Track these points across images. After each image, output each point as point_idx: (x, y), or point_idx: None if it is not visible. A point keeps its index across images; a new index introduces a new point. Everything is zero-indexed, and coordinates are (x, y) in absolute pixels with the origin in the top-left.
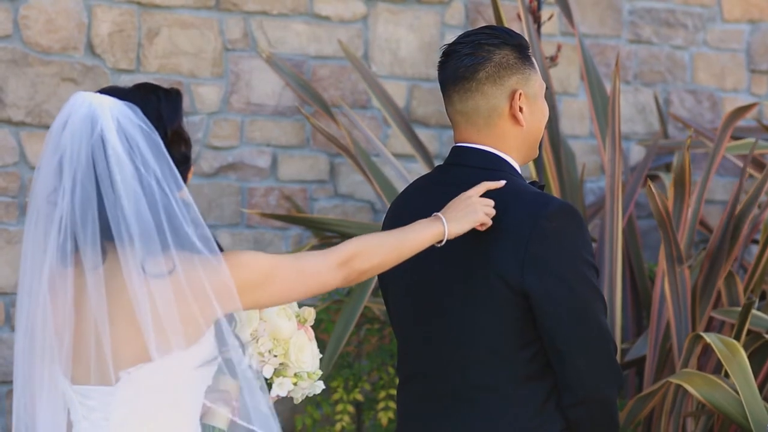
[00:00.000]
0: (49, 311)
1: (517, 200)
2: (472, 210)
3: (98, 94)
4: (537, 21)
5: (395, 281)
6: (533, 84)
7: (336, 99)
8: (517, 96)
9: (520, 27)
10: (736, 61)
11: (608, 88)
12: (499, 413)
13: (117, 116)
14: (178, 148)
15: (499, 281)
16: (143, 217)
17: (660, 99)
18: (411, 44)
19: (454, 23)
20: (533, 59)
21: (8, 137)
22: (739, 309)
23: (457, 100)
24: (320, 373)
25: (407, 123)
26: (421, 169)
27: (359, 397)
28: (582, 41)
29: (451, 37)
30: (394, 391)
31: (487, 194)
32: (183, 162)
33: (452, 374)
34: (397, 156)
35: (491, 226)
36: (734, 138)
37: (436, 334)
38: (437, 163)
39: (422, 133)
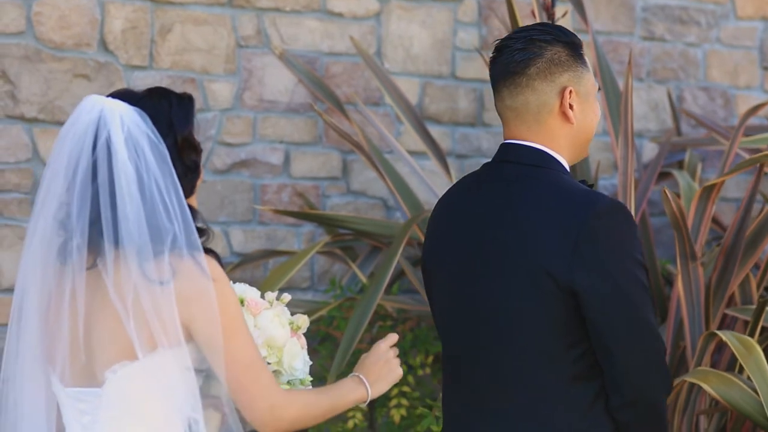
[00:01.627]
0: (43, 310)
1: (567, 197)
2: (390, 369)
3: (110, 98)
4: (551, 18)
5: (440, 276)
6: (585, 82)
7: (349, 96)
8: (567, 93)
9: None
10: (750, 59)
11: (621, 85)
12: (547, 414)
13: (126, 122)
14: (189, 155)
15: (546, 278)
16: (139, 223)
17: (673, 96)
18: (424, 41)
19: (467, 20)
20: (585, 58)
21: (21, 134)
22: (753, 307)
23: (507, 95)
24: (310, 379)
25: (420, 120)
26: (433, 166)
27: None
28: (595, 38)
29: (463, 34)
30: (406, 389)
31: (537, 190)
32: (193, 169)
33: (499, 372)
34: (410, 153)
35: (540, 222)
36: (747, 136)
37: (481, 329)
38: (449, 160)
39: (434, 131)
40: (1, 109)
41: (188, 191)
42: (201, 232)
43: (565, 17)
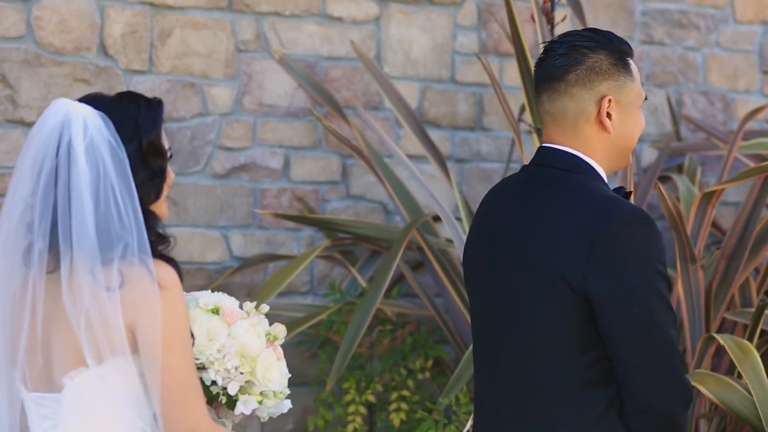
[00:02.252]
0: (7, 314)
1: (588, 201)
2: None
3: (77, 102)
4: (550, 22)
5: (472, 276)
6: (628, 92)
7: (348, 100)
8: (605, 102)
9: (533, 28)
10: (749, 63)
11: None
12: (559, 418)
13: (89, 127)
14: (155, 160)
15: (561, 282)
16: (91, 229)
17: (672, 100)
18: (423, 45)
19: (466, 24)
20: (632, 67)
21: (21, 138)
22: (752, 310)
23: (546, 99)
24: (288, 392)
25: (419, 124)
26: (433, 170)
27: (371, 398)
28: None
29: (463, 39)
30: (406, 393)
31: (563, 194)
32: (159, 173)
33: (515, 374)
34: (410, 157)
35: (560, 226)
36: (746, 140)
37: (502, 331)
38: (449, 164)
39: (434, 135)
40: (0, 113)
41: (154, 196)
42: (162, 239)
43: (565, 21)
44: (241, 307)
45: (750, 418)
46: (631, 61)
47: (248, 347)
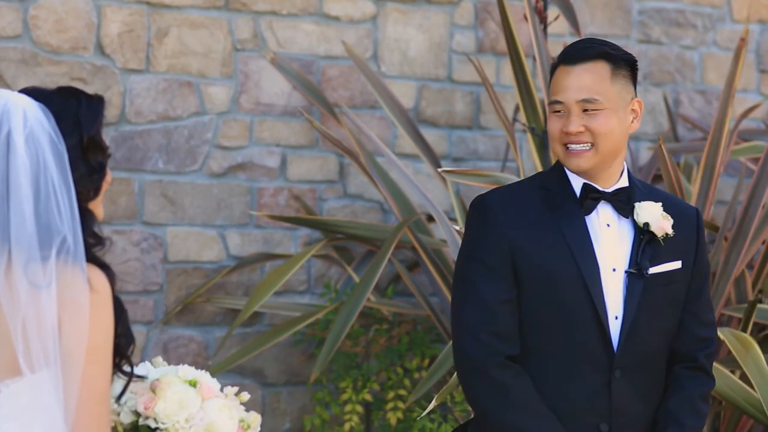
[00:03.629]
0: None
1: None
2: None
3: (18, 93)
4: (543, 21)
5: None
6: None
7: (345, 99)
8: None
9: (526, 27)
10: (746, 62)
11: None
12: None
13: (29, 119)
14: (94, 156)
15: None
16: (29, 224)
17: (669, 99)
18: (420, 44)
19: (463, 23)
20: (555, 75)
21: None
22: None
23: None
24: None
25: (413, 124)
26: (428, 169)
27: (368, 397)
28: None
29: (460, 37)
30: (402, 392)
31: None
32: (98, 170)
33: None
34: (406, 156)
35: None
36: (743, 140)
37: None
38: (444, 163)
39: (431, 134)
40: None
41: (93, 193)
42: (98, 240)
43: (558, 20)
44: (221, 390)
45: (746, 408)
46: (558, 69)
47: (216, 424)
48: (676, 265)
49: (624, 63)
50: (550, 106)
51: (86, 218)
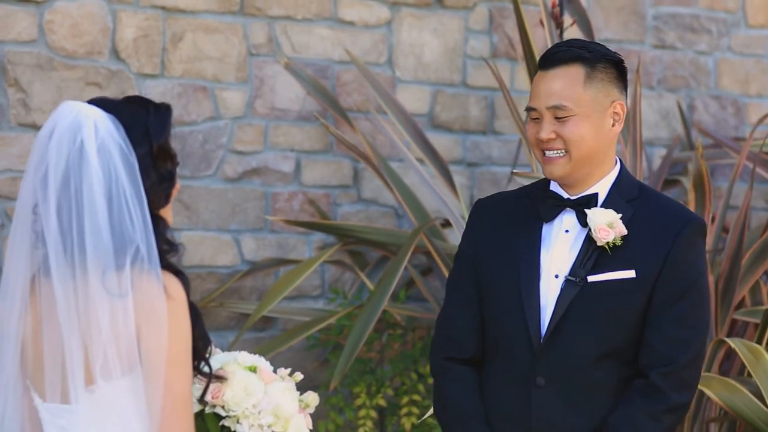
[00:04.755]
0: (22, 323)
1: None
2: None
3: (87, 104)
4: (559, 26)
5: None
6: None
7: (360, 104)
8: None
9: (542, 33)
10: (761, 67)
11: (631, 93)
12: None
13: (100, 130)
14: (164, 164)
15: None
16: (104, 234)
17: (684, 104)
18: (435, 49)
19: (478, 28)
20: (534, 81)
21: (33, 142)
22: (763, 308)
23: None
24: None
25: (418, 129)
26: (435, 174)
27: (382, 402)
28: None
29: (474, 42)
30: (417, 397)
31: None
32: (168, 178)
33: None
34: (418, 162)
35: None
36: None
37: None
38: (452, 168)
39: (446, 138)
40: (13, 117)
41: (163, 200)
42: (172, 247)
43: (574, 26)
44: (275, 371)
45: (755, 421)
46: (537, 74)
47: (282, 407)
48: (626, 274)
49: (604, 65)
50: (527, 113)
51: (159, 225)
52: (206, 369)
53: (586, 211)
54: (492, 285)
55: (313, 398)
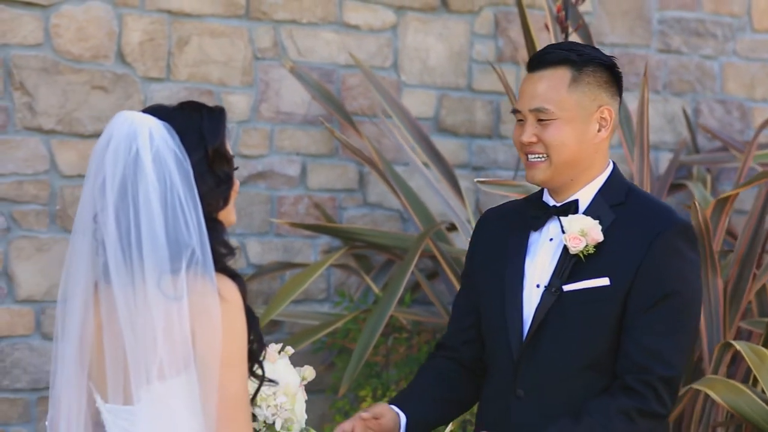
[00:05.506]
0: (83, 326)
1: None
2: None
3: (141, 113)
4: (564, 30)
5: None
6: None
7: (365, 108)
8: None
9: (548, 37)
10: (766, 71)
11: (637, 97)
12: None
13: (155, 138)
14: (220, 166)
15: None
16: (161, 241)
17: (689, 109)
18: (440, 53)
19: (483, 32)
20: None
21: (39, 145)
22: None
23: None
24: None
25: (423, 133)
26: (439, 178)
27: None
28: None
29: (480, 47)
30: None
31: None
32: (226, 180)
33: None
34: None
35: None
36: (762, 149)
37: None
38: (458, 172)
39: (451, 142)
40: (19, 120)
41: (222, 203)
42: (228, 249)
43: (578, 30)
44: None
45: (761, 424)
46: (526, 76)
47: (290, 385)
48: (601, 282)
49: (593, 68)
50: (513, 114)
51: (216, 229)
52: (259, 372)
53: (561, 219)
54: (482, 296)
55: (309, 372)
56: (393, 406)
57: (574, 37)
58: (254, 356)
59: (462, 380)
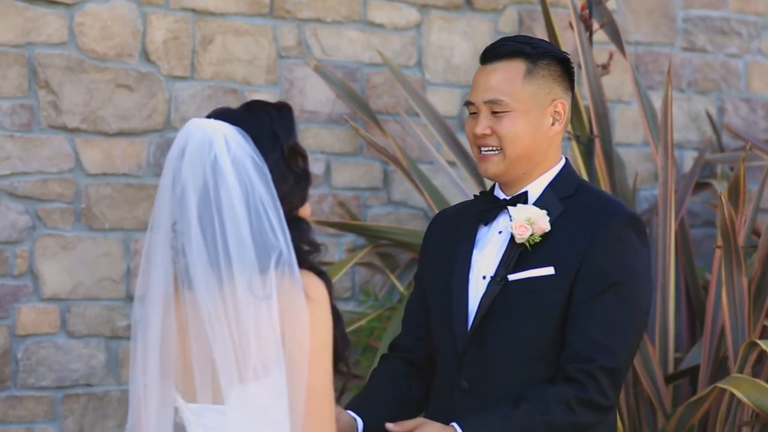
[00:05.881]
0: (164, 329)
1: None
2: None
3: (211, 120)
4: (589, 29)
5: None
6: None
7: (389, 106)
8: None
9: (572, 35)
10: None
11: (661, 96)
12: None
13: (231, 144)
14: (296, 163)
15: None
16: (248, 244)
17: (714, 107)
18: (464, 52)
19: (507, 30)
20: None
21: (64, 144)
22: None
23: None
24: None
25: (450, 131)
26: (466, 176)
27: None
28: (630, 51)
29: None
30: None
31: None
32: (303, 176)
33: None
34: (448, 164)
35: None
36: None
37: None
38: None
39: None
40: (44, 119)
41: (301, 200)
42: (313, 246)
43: (603, 27)
44: None
45: None
46: (480, 68)
47: None
48: (546, 271)
49: (547, 62)
50: (466, 107)
51: (301, 227)
52: (344, 368)
53: (509, 208)
54: (430, 291)
55: None
56: (350, 411)
57: (600, 36)
58: (339, 353)
59: (414, 380)
